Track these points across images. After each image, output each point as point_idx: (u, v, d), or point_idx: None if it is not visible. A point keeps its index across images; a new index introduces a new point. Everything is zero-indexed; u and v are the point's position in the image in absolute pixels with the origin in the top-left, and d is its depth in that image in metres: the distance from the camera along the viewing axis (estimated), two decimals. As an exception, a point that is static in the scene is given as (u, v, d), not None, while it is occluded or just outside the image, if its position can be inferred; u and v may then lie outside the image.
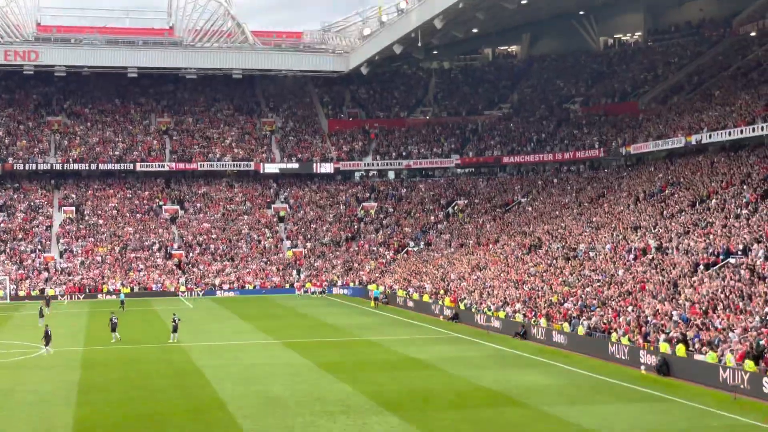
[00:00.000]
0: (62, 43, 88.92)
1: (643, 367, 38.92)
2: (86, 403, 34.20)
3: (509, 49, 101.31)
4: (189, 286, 78.76)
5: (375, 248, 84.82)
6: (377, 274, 78.51)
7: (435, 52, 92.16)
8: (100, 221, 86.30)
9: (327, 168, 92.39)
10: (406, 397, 34.17)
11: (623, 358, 40.99)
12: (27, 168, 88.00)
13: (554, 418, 30.47)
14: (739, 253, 46.88)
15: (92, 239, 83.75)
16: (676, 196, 61.38)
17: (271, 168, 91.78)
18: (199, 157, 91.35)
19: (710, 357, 36.29)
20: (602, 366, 40.61)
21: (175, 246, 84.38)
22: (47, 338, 46.54)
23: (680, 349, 38.05)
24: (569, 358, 43.16)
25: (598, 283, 51.72)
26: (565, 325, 46.89)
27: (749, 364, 34.06)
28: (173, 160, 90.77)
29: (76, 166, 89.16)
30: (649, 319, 43.00)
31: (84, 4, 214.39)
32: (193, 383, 37.87)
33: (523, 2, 70.54)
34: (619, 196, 69.05)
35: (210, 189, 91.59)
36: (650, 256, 52.72)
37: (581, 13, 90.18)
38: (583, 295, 50.58)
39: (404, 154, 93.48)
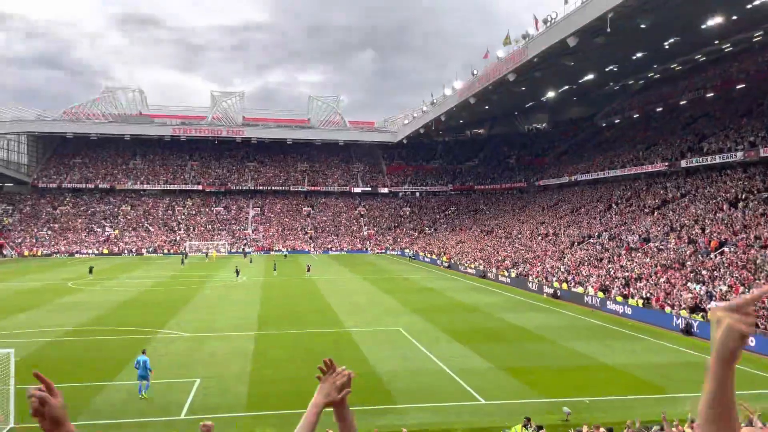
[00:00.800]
0: (255, 126, 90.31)
1: (545, 294, 39.00)
2: (263, 306, 35.03)
3: (479, 131, 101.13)
4: (315, 247, 79.75)
5: (409, 231, 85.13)
6: (409, 244, 78.87)
7: (441, 132, 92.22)
8: (271, 215, 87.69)
9: (385, 190, 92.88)
10: (423, 306, 34.66)
11: (534, 289, 41.08)
12: (237, 188, 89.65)
13: (499, 319, 30.83)
14: (595, 236, 46.62)
15: (267, 224, 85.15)
16: (563, 207, 61.09)
17: (357, 189, 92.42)
18: (322, 184, 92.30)
19: (580, 290, 36.33)
20: (524, 293, 40.74)
21: (309, 228, 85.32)
22: (237, 272, 48.12)
23: (564, 285, 38.05)
24: (507, 289, 43.28)
25: (523, 251, 51.74)
26: (506, 272, 46.98)
27: (600, 294, 34.07)
28: (309, 185, 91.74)
29: (261, 187, 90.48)
30: (548, 269, 42.99)
31: (264, 107, 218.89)
32: (316, 297, 38.64)
33: (486, 107, 70.56)
34: (533, 206, 68.86)
35: (327, 200, 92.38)
36: (550, 238, 52.55)
37: (515, 112, 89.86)
38: (514, 257, 50.59)
39: (424, 183, 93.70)
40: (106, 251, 75.12)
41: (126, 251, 75.75)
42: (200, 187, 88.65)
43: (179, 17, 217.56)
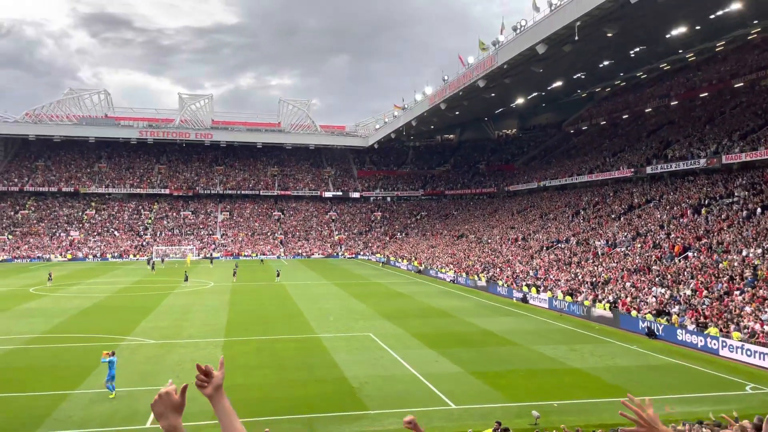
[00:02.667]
0: (224, 130, 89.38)
1: (514, 298, 39.34)
2: (232, 311, 34.61)
3: (449, 136, 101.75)
4: (286, 252, 79.25)
5: (380, 236, 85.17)
6: (381, 249, 78.90)
7: (412, 137, 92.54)
8: (240, 219, 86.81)
9: (356, 195, 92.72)
10: (392, 311, 34.66)
11: (504, 293, 41.40)
12: (205, 192, 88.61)
13: (469, 323, 31.06)
14: (564, 241, 47.28)
15: (237, 229, 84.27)
16: (532, 212, 61.81)
17: (328, 194, 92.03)
18: (292, 188, 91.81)
19: (549, 294, 36.74)
20: (493, 297, 41.05)
21: (279, 233, 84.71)
22: (186, 278, 46.87)
23: (534, 290, 38.44)
24: (477, 293, 43.55)
25: (492, 255, 52.13)
26: (476, 276, 47.26)
27: (568, 298, 34.53)
28: (279, 189, 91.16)
29: (230, 191, 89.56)
30: (517, 273, 43.38)
31: (234, 110, 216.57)
32: (286, 302, 38.34)
33: (456, 113, 71.14)
34: (503, 211, 69.52)
35: (298, 204, 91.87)
36: (519, 243, 53.07)
37: (485, 118, 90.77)
38: (484, 262, 50.93)
39: (395, 188, 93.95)
40: (69, 256, 73.34)
41: (90, 256, 74.08)
42: (168, 191, 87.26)
43: (148, 18, 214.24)
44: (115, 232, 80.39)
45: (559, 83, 61.63)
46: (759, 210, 34.55)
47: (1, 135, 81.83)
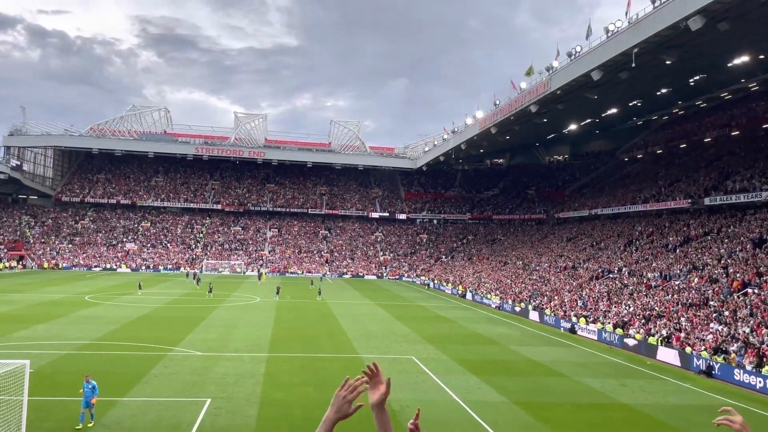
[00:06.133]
0: (276, 148, 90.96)
1: (562, 328, 38.47)
2: (276, 327, 34.94)
3: (499, 160, 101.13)
4: (331, 271, 79.77)
5: (425, 258, 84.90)
6: (425, 272, 78.53)
7: (461, 160, 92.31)
8: (288, 237, 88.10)
9: (402, 216, 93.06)
10: (436, 335, 34.35)
11: (551, 323, 40.58)
12: (255, 209, 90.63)
13: (514, 351, 30.48)
14: (615, 271, 46.12)
15: (284, 246, 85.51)
16: (583, 240, 60.55)
17: (374, 215, 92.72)
18: (339, 208, 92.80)
19: (598, 326, 35.82)
20: (539, 326, 40.26)
21: (325, 251, 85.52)
22: (210, 290, 47.35)
23: (582, 321, 37.51)
24: (523, 321, 42.80)
25: (540, 283, 51.25)
26: (522, 304, 46.50)
27: (618, 331, 33.58)
28: (327, 208, 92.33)
29: (279, 209, 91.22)
30: (565, 303, 42.49)
31: (287, 130, 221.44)
32: (329, 321, 38.50)
33: (507, 138, 70.76)
34: (552, 238, 68.38)
35: (344, 223, 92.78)
36: (568, 271, 52.04)
37: (536, 143, 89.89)
38: (531, 289, 50.09)
39: (442, 211, 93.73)
40: (124, 266, 75.90)
41: (144, 267, 76.45)
42: (220, 207, 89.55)
43: (213, 39, 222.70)
44: (168, 245, 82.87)
45: (613, 110, 60.54)
46: (826, 247, 32.81)
47: (66, 148, 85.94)
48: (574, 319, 37.91)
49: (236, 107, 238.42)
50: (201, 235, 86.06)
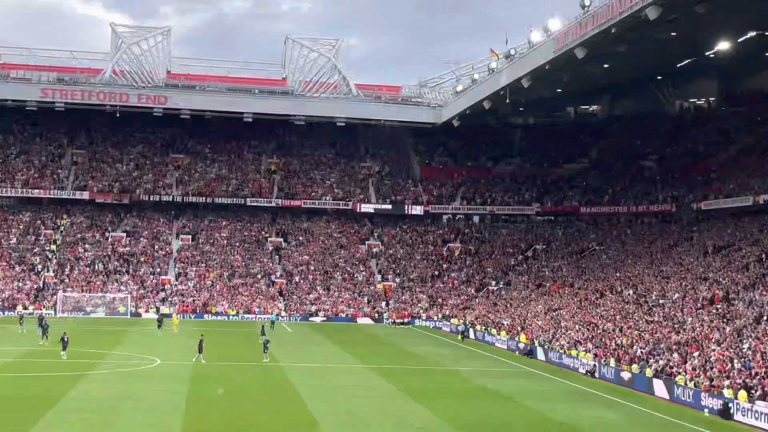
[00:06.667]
0: (188, 89, 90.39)
1: (706, 410, 38.00)
2: (190, 415, 34.34)
3: (590, 109, 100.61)
4: (288, 311, 79.40)
5: (458, 285, 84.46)
6: (460, 310, 78.02)
7: (521, 109, 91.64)
8: (213, 249, 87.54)
9: (417, 210, 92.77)
10: (483, 423, 33.88)
11: (687, 400, 40.08)
12: (151, 199, 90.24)
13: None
14: (802, 307, 45.66)
15: (204, 265, 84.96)
16: (744, 250, 60.06)
17: (366, 208, 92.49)
18: (302, 196, 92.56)
19: (772, 403, 35.23)
20: (666, 406, 39.81)
21: (278, 274, 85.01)
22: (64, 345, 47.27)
23: (743, 396, 37.04)
24: (635, 397, 42.35)
25: (668, 328, 50.78)
26: (634, 366, 46.08)
27: (810, 413, 33.12)
28: (280, 197, 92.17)
29: (194, 199, 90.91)
30: (713, 363, 42.03)
31: (209, 55, 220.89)
32: (288, 400, 37.98)
33: (605, 66, 70.07)
34: (688, 247, 67.85)
35: (311, 225, 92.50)
36: (718, 307, 51.56)
37: (659, 78, 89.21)
38: (651, 340, 49.62)
39: (488, 200, 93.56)
40: None
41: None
42: (86, 195, 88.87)
43: None
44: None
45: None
46: None
47: None
48: (728, 393, 37.46)
49: (115, 15, 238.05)
50: (53, 246, 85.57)
